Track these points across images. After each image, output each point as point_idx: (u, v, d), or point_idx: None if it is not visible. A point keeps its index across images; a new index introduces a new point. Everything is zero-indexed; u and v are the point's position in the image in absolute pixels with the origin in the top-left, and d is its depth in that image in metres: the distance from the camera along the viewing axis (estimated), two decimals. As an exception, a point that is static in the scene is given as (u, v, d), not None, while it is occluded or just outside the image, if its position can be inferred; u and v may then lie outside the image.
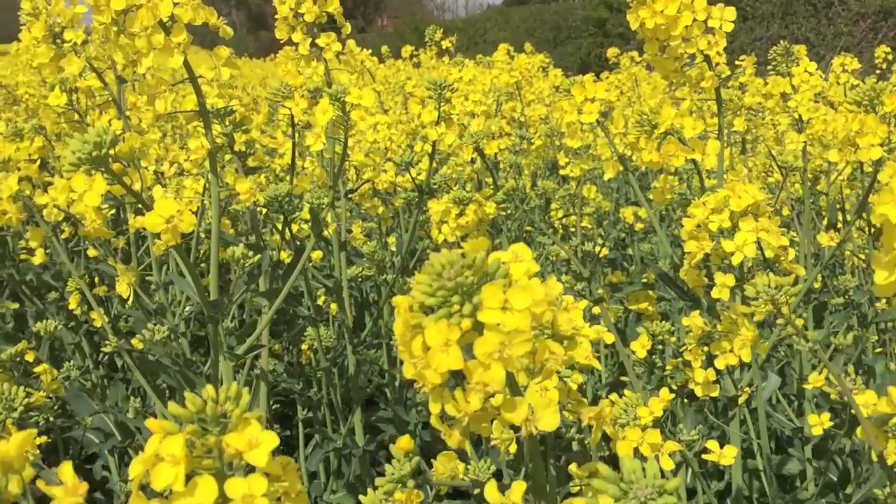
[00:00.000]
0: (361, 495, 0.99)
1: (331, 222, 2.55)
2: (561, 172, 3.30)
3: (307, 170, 3.15)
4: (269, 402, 2.87)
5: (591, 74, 5.40)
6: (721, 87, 2.02)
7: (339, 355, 2.85)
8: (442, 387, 0.81)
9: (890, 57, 5.59)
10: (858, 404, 1.56)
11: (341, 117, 1.93)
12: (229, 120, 2.00)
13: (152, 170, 2.50)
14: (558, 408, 0.82)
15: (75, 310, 2.92)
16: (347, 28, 2.18)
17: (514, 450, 1.23)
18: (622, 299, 3.12)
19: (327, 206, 2.15)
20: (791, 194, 2.96)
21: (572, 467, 1.23)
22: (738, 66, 3.18)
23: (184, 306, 2.57)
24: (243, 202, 1.82)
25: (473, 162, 2.93)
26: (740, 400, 1.81)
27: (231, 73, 1.65)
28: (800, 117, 2.68)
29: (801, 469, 2.36)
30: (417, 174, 2.72)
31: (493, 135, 2.84)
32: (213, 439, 0.69)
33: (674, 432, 1.74)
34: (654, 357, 1.90)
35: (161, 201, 1.40)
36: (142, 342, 2.08)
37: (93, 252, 2.98)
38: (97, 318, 2.69)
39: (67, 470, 0.66)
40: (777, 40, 3.13)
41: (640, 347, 1.86)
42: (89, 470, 3.08)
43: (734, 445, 1.64)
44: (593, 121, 2.05)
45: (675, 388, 1.81)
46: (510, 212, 2.49)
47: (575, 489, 1.25)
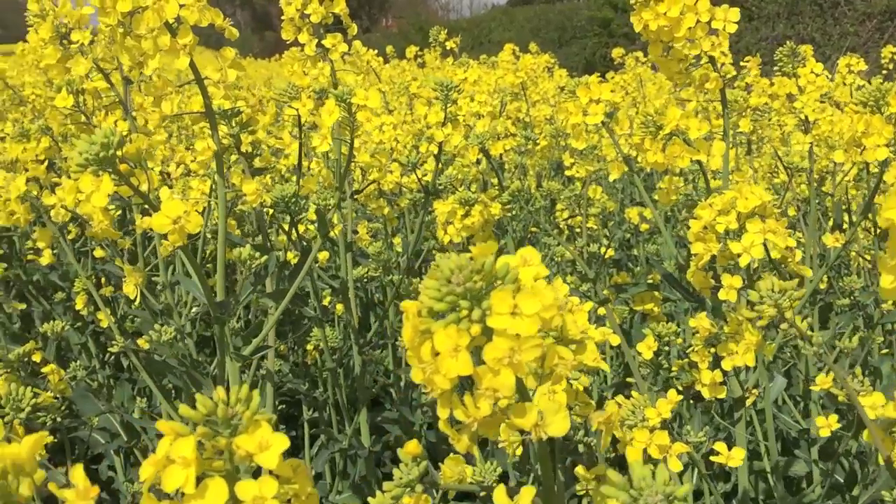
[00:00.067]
0: (367, 496, 0.99)
1: (337, 223, 2.55)
2: (566, 173, 3.30)
3: (313, 171, 3.15)
4: (275, 403, 2.87)
5: (597, 75, 5.40)
6: (726, 88, 2.02)
7: (345, 356, 2.86)
8: (451, 392, 0.81)
9: (896, 57, 5.58)
10: (865, 407, 1.56)
11: (347, 118, 1.94)
12: (235, 121, 2.00)
13: (158, 171, 2.50)
14: (568, 413, 0.82)
15: (82, 310, 2.92)
16: (353, 29, 2.19)
17: (520, 452, 1.23)
18: (627, 300, 3.11)
19: (334, 206, 2.15)
20: (797, 195, 2.96)
21: (579, 470, 1.23)
22: (743, 66, 3.18)
23: (190, 307, 2.58)
24: (250, 203, 1.82)
25: (479, 163, 2.93)
26: (748, 402, 1.80)
27: (237, 74, 1.65)
28: (806, 118, 2.68)
29: (807, 471, 2.36)
30: (423, 175, 2.72)
31: (498, 135, 2.84)
32: (223, 441, 0.69)
33: (680, 434, 1.74)
34: (659, 358, 1.89)
35: (168, 202, 1.40)
36: (148, 343, 2.08)
37: (99, 252, 2.98)
38: (103, 319, 2.69)
39: (79, 473, 0.66)
40: (783, 40, 3.12)
41: (647, 349, 1.86)
42: (95, 470, 3.09)
43: (741, 447, 1.63)
44: (598, 122, 2.05)
45: (680, 389, 1.80)
46: (515, 212, 2.49)
47: (581, 491, 1.25)
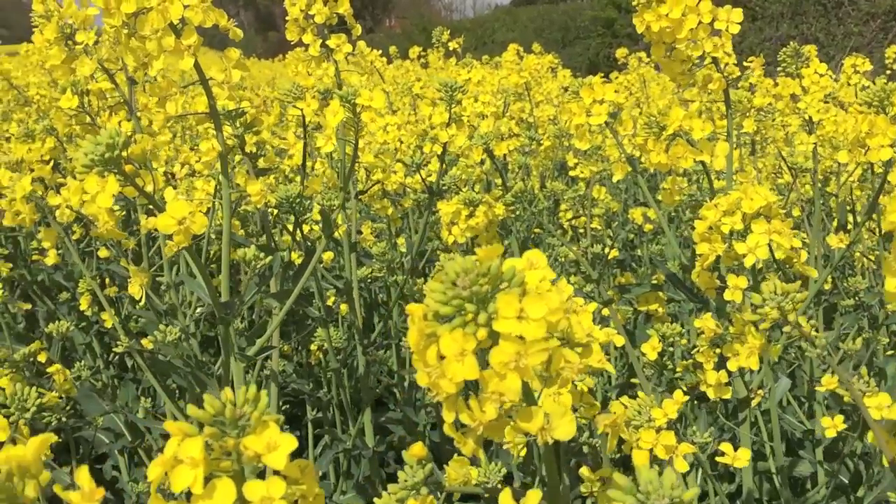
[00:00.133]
0: (371, 497, 0.99)
1: (341, 223, 2.55)
2: (570, 174, 3.30)
3: (317, 171, 3.15)
4: (279, 403, 2.88)
5: (600, 75, 5.40)
6: (730, 89, 2.01)
7: (349, 356, 2.86)
8: (456, 396, 0.80)
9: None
10: (869, 408, 1.56)
11: (352, 119, 1.93)
12: (240, 122, 2.00)
13: (162, 171, 2.50)
14: (574, 417, 0.82)
15: (86, 310, 2.93)
16: (358, 29, 2.18)
17: (524, 453, 1.23)
18: (631, 301, 3.11)
19: (338, 207, 2.15)
20: (801, 195, 2.95)
21: (584, 471, 1.23)
22: (746, 67, 3.17)
23: (194, 307, 2.58)
24: (254, 203, 1.83)
25: (482, 163, 2.93)
26: (753, 402, 1.80)
27: (242, 74, 1.65)
28: (810, 119, 2.67)
29: (812, 472, 2.36)
30: (427, 175, 2.72)
31: (502, 136, 2.84)
32: (231, 442, 0.68)
33: (685, 435, 1.73)
34: (664, 359, 1.89)
35: (173, 203, 1.40)
36: (153, 343, 2.08)
37: (104, 253, 2.99)
38: (108, 319, 2.69)
39: (84, 474, 0.66)
40: (786, 40, 3.12)
41: (651, 349, 1.85)
42: (99, 470, 3.10)
43: (746, 448, 1.63)
44: (602, 122, 2.05)
45: (684, 389, 1.80)
46: (518, 213, 2.49)
47: (586, 492, 1.24)
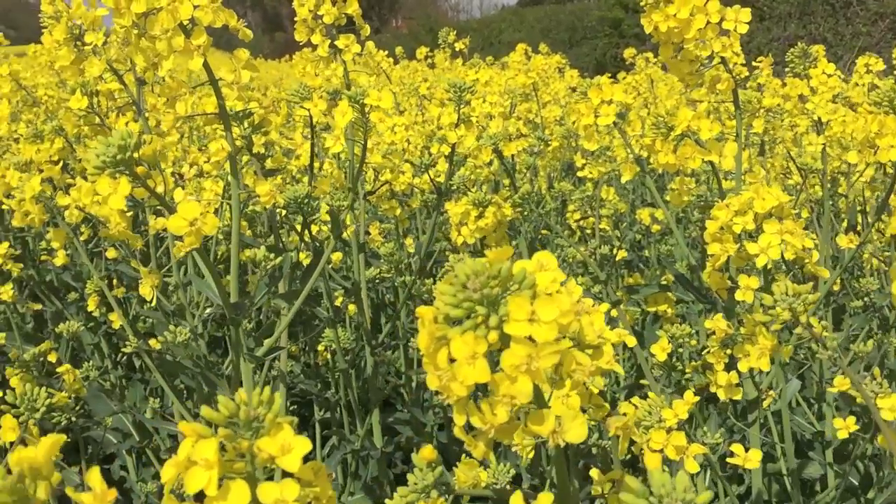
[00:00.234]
0: (379, 497, 0.99)
1: (350, 224, 2.55)
2: (579, 174, 3.29)
3: (325, 171, 3.15)
4: (287, 404, 2.88)
5: (607, 75, 5.39)
6: (738, 89, 2.01)
7: (357, 357, 2.85)
8: (467, 399, 0.80)
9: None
10: (881, 409, 1.55)
11: (360, 119, 1.93)
12: (248, 122, 2.00)
13: (170, 172, 2.50)
14: (585, 419, 0.82)
15: (94, 311, 2.93)
16: (366, 30, 2.18)
17: (532, 455, 1.22)
18: (639, 301, 3.10)
19: (347, 208, 2.15)
20: (810, 196, 2.94)
21: (594, 473, 1.22)
22: (755, 67, 3.16)
23: (203, 308, 2.58)
24: (263, 204, 1.82)
25: (490, 164, 2.92)
26: (764, 403, 1.79)
27: (251, 75, 1.65)
28: (819, 119, 2.66)
29: (821, 473, 2.34)
30: (436, 176, 2.71)
31: (510, 136, 2.84)
32: (245, 444, 0.68)
33: (694, 436, 1.73)
34: (673, 360, 1.88)
35: (184, 204, 1.40)
36: (163, 344, 2.09)
37: (112, 253, 2.99)
38: (116, 320, 2.70)
39: (95, 475, 0.65)
40: (794, 41, 3.11)
41: (661, 350, 1.85)
42: (107, 470, 3.10)
43: (756, 449, 1.63)
44: (610, 123, 2.04)
45: (693, 390, 1.79)
46: (526, 213, 2.48)
47: (596, 494, 1.24)
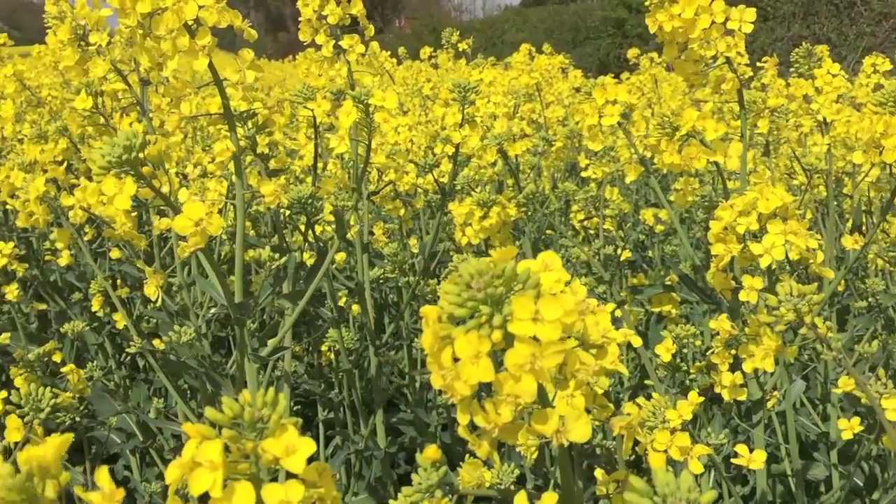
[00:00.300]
0: (383, 498, 0.99)
1: (354, 224, 2.55)
2: (582, 174, 3.29)
3: (329, 172, 3.15)
4: (290, 404, 2.87)
5: (611, 75, 5.38)
6: (743, 89, 2.00)
7: (361, 357, 2.85)
8: (471, 398, 0.80)
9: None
10: (886, 410, 1.55)
11: (365, 119, 1.93)
12: (252, 122, 2.00)
13: (174, 172, 2.50)
14: (589, 419, 0.82)
15: (98, 311, 2.94)
16: (371, 30, 2.18)
17: (536, 455, 1.22)
18: (643, 302, 3.10)
19: (351, 208, 2.15)
20: (815, 196, 2.94)
21: (598, 474, 1.22)
22: (760, 67, 3.16)
23: (206, 308, 2.58)
24: (267, 204, 1.83)
25: (494, 164, 2.92)
26: (769, 404, 1.79)
27: (256, 75, 1.65)
28: (824, 119, 2.66)
29: (826, 474, 2.34)
30: (440, 176, 2.71)
31: (514, 137, 2.84)
32: (250, 445, 0.68)
33: (698, 436, 1.72)
34: (678, 361, 1.88)
35: (190, 204, 1.40)
36: (167, 344, 2.09)
37: (116, 253, 2.99)
38: (120, 320, 2.70)
39: (104, 475, 0.66)
40: (798, 41, 3.11)
41: (665, 351, 1.84)
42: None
43: (760, 449, 1.62)
44: (614, 123, 2.04)
45: (697, 391, 1.79)
46: (531, 214, 2.48)
47: (600, 494, 1.24)
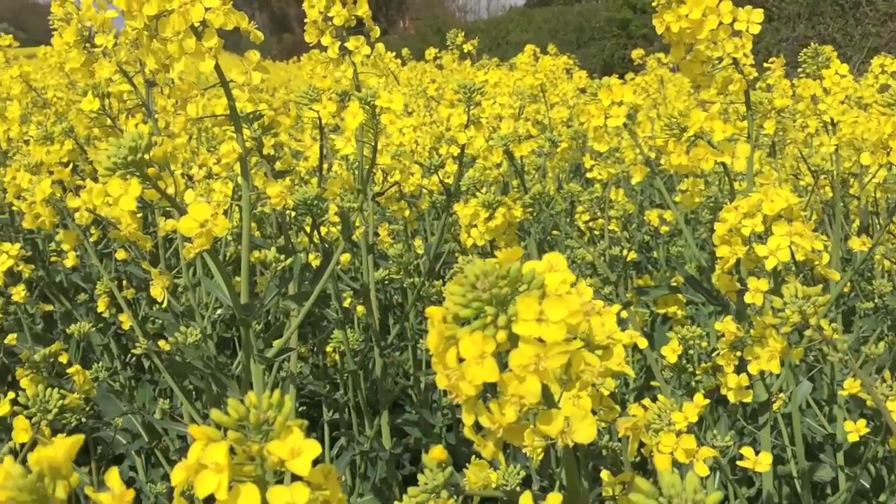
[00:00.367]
0: (388, 498, 0.99)
1: (359, 225, 2.55)
2: (588, 175, 3.29)
3: (335, 173, 3.15)
4: (296, 405, 2.88)
5: (615, 76, 5.37)
6: (749, 90, 2.00)
7: (366, 358, 2.86)
8: (476, 398, 0.80)
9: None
10: (892, 412, 1.54)
11: (371, 121, 1.94)
12: (258, 124, 2.01)
13: (179, 173, 2.50)
14: (594, 420, 0.82)
15: (104, 312, 2.94)
16: (376, 31, 2.18)
17: (541, 456, 1.22)
18: (648, 303, 3.09)
19: (357, 209, 2.15)
20: (821, 197, 2.93)
21: (604, 475, 1.22)
22: (766, 68, 3.15)
23: (212, 309, 2.58)
24: (274, 205, 1.83)
25: (500, 165, 2.92)
26: (775, 406, 1.79)
27: (262, 77, 1.65)
28: (832, 120, 2.65)
29: (832, 476, 2.33)
30: (445, 177, 2.71)
31: (520, 138, 2.84)
32: (255, 447, 0.68)
33: (704, 438, 1.72)
34: (685, 362, 1.88)
35: (195, 205, 1.40)
36: (173, 345, 2.09)
37: (122, 254, 3.00)
38: (125, 320, 2.70)
39: (114, 477, 0.66)
40: (803, 41, 3.10)
41: (671, 352, 1.84)
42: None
43: (766, 451, 1.62)
44: (620, 124, 2.04)
45: (703, 393, 1.79)
46: (536, 214, 2.48)
47: (606, 496, 1.24)
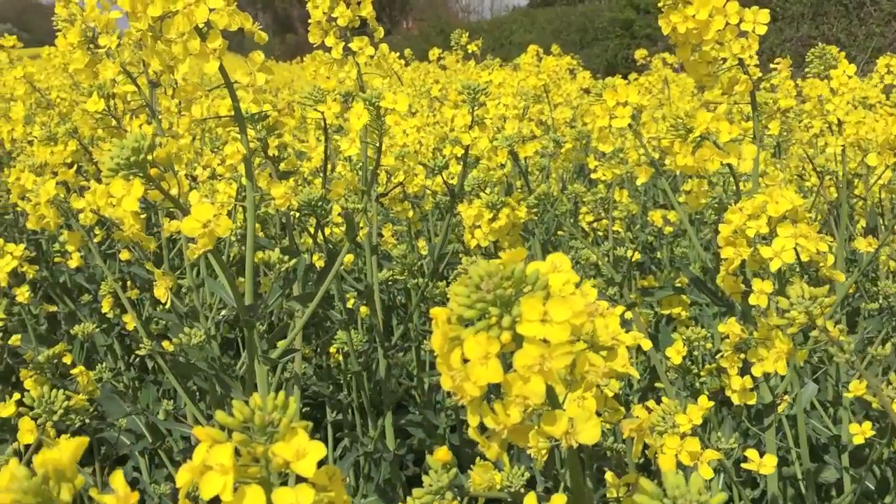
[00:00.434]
0: (392, 500, 0.98)
1: (363, 226, 2.55)
2: (592, 176, 3.28)
3: (339, 174, 3.15)
4: (299, 406, 2.88)
5: (619, 76, 5.36)
6: (755, 91, 2.00)
7: (369, 358, 2.86)
8: (480, 399, 0.80)
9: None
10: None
11: (375, 121, 1.93)
12: (262, 125, 2.01)
13: (183, 174, 2.51)
14: (598, 421, 0.81)
15: (108, 313, 2.95)
16: (380, 32, 2.18)
17: (546, 458, 1.22)
18: (652, 304, 3.09)
19: (361, 210, 2.15)
20: (826, 198, 2.92)
21: (609, 477, 1.22)
22: (773, 68, 3.14)
23: (216, 310, 2.59)
24: (278, 206, 1.83)
25: (504, 166, 2.92)
26: (780, 408, 1.78)
27: (266, 77, 1.65)
28: (838, 121, 2.64)
29: (837, 478, 2.33)
30: (449, 178, 2.71)
31: (524, 138, 2.83)
32: (260, 448, 0.68)
33: (708, 440, 1.72)
34: (689, 364, 1.88)
35: (198, 206, 1.40)
36: (177, 345, 2.09)
37: (126, 255, 3.00)
38: (129, 321, 2.71)
39: (119, 479, 0.66)
40: (807, 41, 3.10)
41: (676, 353, 1.84)
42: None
43: (771, 453, 1.62)
44: (625, 125, 2.03)
45: (707, 394, 1.78)
46: (540, 215, 2.47)
47: (611, 497, 1.23)
